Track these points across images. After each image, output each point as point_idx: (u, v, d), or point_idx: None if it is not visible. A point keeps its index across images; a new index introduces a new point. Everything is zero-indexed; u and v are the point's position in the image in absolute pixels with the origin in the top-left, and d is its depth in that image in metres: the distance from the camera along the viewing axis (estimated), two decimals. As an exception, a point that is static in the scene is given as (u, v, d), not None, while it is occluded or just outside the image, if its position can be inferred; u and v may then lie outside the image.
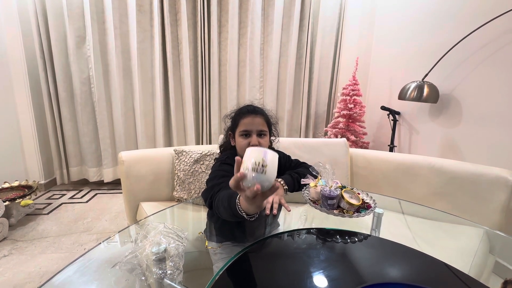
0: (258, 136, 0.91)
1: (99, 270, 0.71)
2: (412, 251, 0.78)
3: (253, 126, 0.91)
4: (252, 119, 0.92)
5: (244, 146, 0.89)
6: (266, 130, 0.94)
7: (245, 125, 0.91)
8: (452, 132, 1.71)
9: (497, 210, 1.17)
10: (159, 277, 0.57)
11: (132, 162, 1.37)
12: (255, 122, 0.91)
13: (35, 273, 1.40)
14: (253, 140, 0.89)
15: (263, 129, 0.93)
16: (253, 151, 0.53)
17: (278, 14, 2.41)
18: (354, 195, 0.85)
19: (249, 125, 0.91)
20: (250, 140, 0.90)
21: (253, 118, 0.92)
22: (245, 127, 0.91)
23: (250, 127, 0.91)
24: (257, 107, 0.97)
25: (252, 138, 0.90)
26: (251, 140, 0.89)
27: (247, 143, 0.89)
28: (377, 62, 2.45)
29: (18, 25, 2.11)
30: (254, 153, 0.52)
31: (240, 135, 0.92)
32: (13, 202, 1.79)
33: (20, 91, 2.22)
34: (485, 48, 1.49)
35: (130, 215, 1.40)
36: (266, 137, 0.94)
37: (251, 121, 0.91)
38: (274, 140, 1.06)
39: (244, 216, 0.61)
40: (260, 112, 0.95)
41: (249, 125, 0.91)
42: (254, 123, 0.91)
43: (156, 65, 2.35)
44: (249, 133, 0.91)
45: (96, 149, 2.48)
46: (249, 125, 0.91)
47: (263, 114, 0.95)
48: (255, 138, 0.90)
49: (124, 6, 2.24)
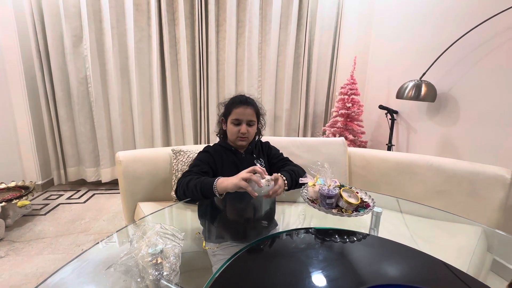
0: (247, 125, 1.04)
1: (95, 271, 0.70)
2: (411, 250, 0.77)
3: (244, 116, 1.03)
4: (243, 109, 1.03)
5: (235, 132, 1.03)
6: (255, 120, 1.07)
7: (237, 114, 1.03)
8: (450, 130, 1.72)
9: (495, 208, 1.18)
10: (155, 278, 0.56)
11: (130, 162, 1.36)
12: (246, 113, 1.03)
13: (32, 274, 1.39)
14: (242, 128, 1.02)
15: (252, 119, 1.05)
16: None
17: (276, 13, 2.40)
18: (352, 194, 0.85)
19: (240, 115, 1.03)
20: (240, 128, 1.02)
21: (244, 109, 1.03)
22: (236, 116, 1.03)
23: (241, 117, 1.03)
24: (249, 98, 1.08)
25: (242, 127, 1.03)
26: (241, 128, 1.02)
27: (237, 130, 1.03)
28: (375, 61, 2.45)
29: (14, 24, 2.09)
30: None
31: (232, 122, 1.04)
32: (10, 203, 1.77)
33: (16, 91, 2.20)
34: (483, 47, 1.49)
35: (128, 215, 1.39)
36: (254, 126, 1.07)
37: (243, 111, 1.02)
38: (262, 128, 1.19)
39: (216, 194, 0.84)
40: (251, 103, 1.06)
41: (241, 115, 1.03)
42: (245, 113, 1.03)
43: (154, 65, 2.34)
44: (240, 122, 1.03)
45: (94, 149, 2.47)
46: (241, 115, 1.03)
47: (254, 105, 1.06)
48: (245, 126, 1.03)
49: (121, 5, 2.23)
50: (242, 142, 1.05)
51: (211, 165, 1.03)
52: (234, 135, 1.04)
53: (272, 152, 1.19)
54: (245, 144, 1.08)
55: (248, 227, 0.99)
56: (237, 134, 1.03)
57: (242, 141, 1.05)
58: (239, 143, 1.05)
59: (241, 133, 1.02)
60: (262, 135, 1.21)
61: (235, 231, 0.98)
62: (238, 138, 1.04)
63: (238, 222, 0.97)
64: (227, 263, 0.69)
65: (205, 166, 1.01)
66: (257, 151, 1.15)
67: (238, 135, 1.04)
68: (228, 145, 1.08)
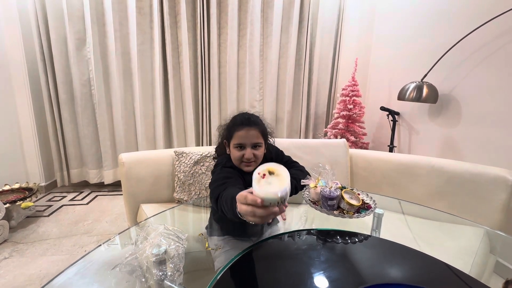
0: (252, 148, 0.90)
1: (99, 272, 0.71)
2: (413, 252, 0.78)
3: (247, 139, 0.89)
4: (246, 132, 0.89)
5: (239, 158, 0.89)
6: (261, 141, 0.92)
7: (239, 138, 0.89)
8: (452, 132, 1.71)
9: (497, 209, 1.17)
10: (159, 279, 0.57)
11: (133, 163, 1.37)
12: (249, 135, 0.89)
13: (36, 275, 1.40)
14: (247, 153, 0.88)
15: (258, 142, 0.91)
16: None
17: (277, 16, 2.42)
18: (354, 195, 0.85)
19: (243, 138, 0.89)
20: (245, 153, 0.89)
21: (247, 131, 0.89)
22: (239, 140, 0.89)
23: (244, 141, 0.89)
24: (252, 116, 0.94)
25: (247, 151, 0.89)
26: (245, 153, 0.89)
27: (241, 155, 0.89)
28: (376, 63, 2.46)
29: (19, 27, 2.12)
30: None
31: (235, 147, 0.91)
32: (14, 204, 1.79)
33: (20, 93, 2.23)
34: (484, 48, 1.49)
35: (131, 217, 1.40)
36: (261, 148, 0.93)
37: (245, 134, 0.89)
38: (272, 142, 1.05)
39: (240, 218, 0.61)
40: (255, 123, 0.92)
41: (243, 138, 0.89)
42: (248, 136, 0.89)
43: (156, 67, 2.36)
44: (244, 146, 0.90)
45: (97, 151, 2.48)
46: (243, 138, 0.89)
47: (258, 125, 0.93)
48: (249, 151, 0.89)
49: (124, 8, 2.25)
50: (248, 168, 0.91)
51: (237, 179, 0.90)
52: (238, 160, 0.91)
53: (284, 160, 1.10)
54: (252, 169, 0.88)
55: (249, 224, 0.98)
56: (241, 160, 0.90)
57: (248, 167, 0.91)
58: (246, 169, 0.91)
59: (245, 158, 0.89)
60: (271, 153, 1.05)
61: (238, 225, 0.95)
62: (243, 164, 0.91)
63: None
64: (228, 263, 0.70)
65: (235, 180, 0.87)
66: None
67: (242, 161, 0.91)
68: (236, 167, 0.94)
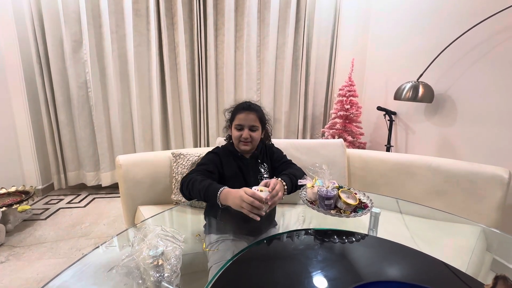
0: (250, 130, 1.06)
1: (96, 275, 0.71)
2: (410, 250, 0.78)
3: (246, 121, 1.05)
4: (246, 115, 1.05)
5: (237, 136, 1.06)
6: (258, 125, 1.08)
7: (239, 119, 1.06)
8: (448, 131, 1.73)
9: (493, 208, 1.18)
10: (156, 280, 0.57)
11: (130, 166, 1.36)
12: (248, 118, 1.05)
13: (33, 279, 1.39)
14: (244, 133, 1.05)
15: (255, 125, 1.06)
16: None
17: (274, 17, 2.42)
18: (351, 195, 0.85)
19: (242, 120, 1.05)
20: (243, 133, 1.05)
21: (247, 114, 1.05)
22: (239, 122, 1.06)
23: (243, 122, 1.05)
24: (253, 104, 1.10)
25: (244, 132, 1.05)
26: (243, 133, 1.05)
27: (239, 135, 1.05)
28: (373, 63, 2.47)
29: (14, 29, 2.10)
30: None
31: (235, 127, 1.07)
32: (10, 208, 1.78)
33: (16, 95, 2.21)
34: (479, 48, 1.51)
35: (128, 219, 1.40)
36: (257, 131, 1.08)
37: (245, 117, 1.05)
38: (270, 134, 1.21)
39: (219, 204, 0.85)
40: (254, 109, 1.08)
41: (243, 120, 1.05)
42: (247, 118, 1.05)
43: (153, 69, 2.35)
44: (242, 127, 1.05)
45: (94, 154, 2.47)
46: (243, 120, 1.05)
47: (257, 111, 1.08)
48: (247, 131, 1.05)
49: (120, 10, 2.25)
50: (244, 147, 1.07)
51: (217, 166, 1.06)
52: (237, 139, 1.07)
53: (275, 156, 1.20)
54: (248, 149, 1.09)
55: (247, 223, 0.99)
56: (239, 139, 1.06)
57: (245, 146, 1.07)
58: (242, 147, 1.07)
59: (243, 137, 1.05)
60: (270, 141, 1.23)
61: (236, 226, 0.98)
62: (240, 143, 1.07)
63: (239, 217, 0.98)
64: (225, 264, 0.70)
65: (211, 166, 1.04)
66: (261, 156, 1.16)
67: (240, 140, 1.06)
68: (235, 150, 1.11)
